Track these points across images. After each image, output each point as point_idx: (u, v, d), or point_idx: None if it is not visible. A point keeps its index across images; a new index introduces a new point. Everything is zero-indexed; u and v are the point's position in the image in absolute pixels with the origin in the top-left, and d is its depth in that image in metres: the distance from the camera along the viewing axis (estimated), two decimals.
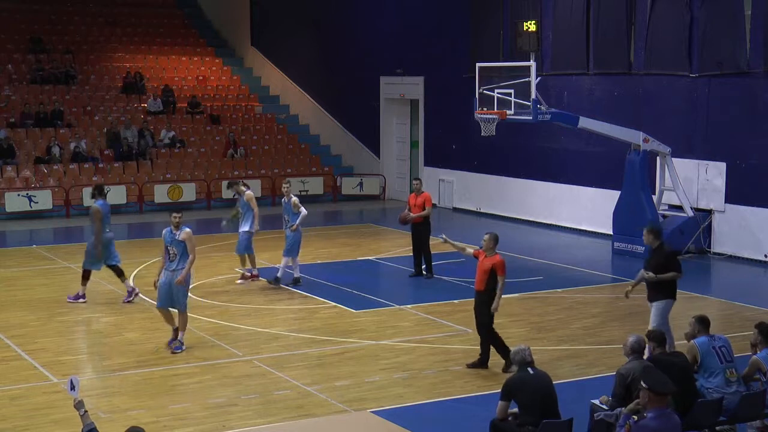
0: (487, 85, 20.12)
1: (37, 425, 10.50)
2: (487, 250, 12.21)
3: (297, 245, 17.12)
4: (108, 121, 29.91)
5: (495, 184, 26.29)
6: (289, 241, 17.00)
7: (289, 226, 16.95)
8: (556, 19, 23.94)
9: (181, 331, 13.26)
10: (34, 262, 19.72)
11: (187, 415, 10.78)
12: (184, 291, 13.17)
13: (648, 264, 12.24)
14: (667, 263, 12.07)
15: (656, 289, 12.12)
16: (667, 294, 12.12)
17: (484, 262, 12.17)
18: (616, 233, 20.94)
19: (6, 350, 13.39)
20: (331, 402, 11.24)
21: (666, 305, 12.11)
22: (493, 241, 12.22)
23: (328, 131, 32.84)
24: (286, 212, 17.10)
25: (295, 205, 16.91)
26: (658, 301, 12.12)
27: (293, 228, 16.89)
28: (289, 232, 16.97)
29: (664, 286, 12.07)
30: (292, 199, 17.01)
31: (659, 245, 12.24)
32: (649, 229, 12.43)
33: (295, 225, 16.86)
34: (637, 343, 9.23)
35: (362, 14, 31.16)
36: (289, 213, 17.03)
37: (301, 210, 16.87)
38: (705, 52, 20.62)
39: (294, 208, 16.91)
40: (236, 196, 18.13)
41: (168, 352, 13.13)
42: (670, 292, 12.15)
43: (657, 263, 12.09)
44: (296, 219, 16.85)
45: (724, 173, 20.38)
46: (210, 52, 36.45)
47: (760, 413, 9.58)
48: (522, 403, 8.82)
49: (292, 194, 17.20)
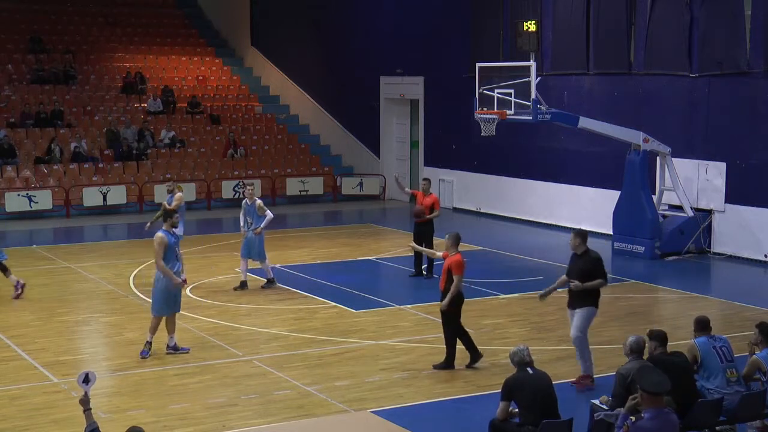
0: (487, 85, 20.11)
1: (37, 425, 10.51)
2: (447, 250, 12.34)
3: (263, 247, 16.85)
4: (108, 121, 29.91)
5: (495, 184, 26.29)
6: (255, 244, 16.71)
7: (253, 229, 16.66)
8: (556, 19, 23.94)
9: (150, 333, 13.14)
10: (34, 262, 19.72)
11: (187, 415, 10.78)
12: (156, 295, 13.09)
13: (571, 270, 11.61)
14: (592, 270, 11.46)
15: (580, 297, 11.51)
16: (591, 302, 11.53)
17: (445, 262, 12.32)
18: (616, 233, 20.94)
19: (6, 350, 13.39)
20: (331, 402, 11.24)
21: (589, 313, 11.53)
22: (451, 240, 12.30)
23: (328, 131, 32.84)
24: (249, 214, 16.78)
25: (260, 208, 16.63)
26: (581, 309, 11.52)
27: (257, 231, 16.63)
28: (251, 234, 16.68)
29: (589, 293, 11.48)
30: (256, 202, 16.73)
31: (585, 251, 11.60)
32: (577, 232, 11.73)
33: (260, 228, 16.62)
34: (637, 343, 9.23)
35: (362, 14, 31.16)
36: (252, 215, 16.73)
37: (267, 213, 16.63)
38: (705, 52, 20.62)
39: (259, 211, 16.63)
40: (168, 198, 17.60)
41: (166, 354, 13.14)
42: (593, 300, 11.56)
43: (581, 269, 11.47)
44: (261, 222, 16.62)
45: (724, 173, 20.37)
46: (210, 52, 36.46)
47: (760, 413, 9.58)
48: (522, 403, 8.82)
49: (256, 197, 16.98)
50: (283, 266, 18.83)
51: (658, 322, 14.78)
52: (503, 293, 16.83)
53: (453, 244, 12.28)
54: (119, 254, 20.75)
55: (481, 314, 15.38)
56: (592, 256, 11.59)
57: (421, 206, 17.70)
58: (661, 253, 20.18)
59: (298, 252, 20.77)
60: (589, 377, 11.64)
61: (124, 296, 16.65)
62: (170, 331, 13.15)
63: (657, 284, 17.90)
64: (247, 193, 16.98)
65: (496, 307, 15.93)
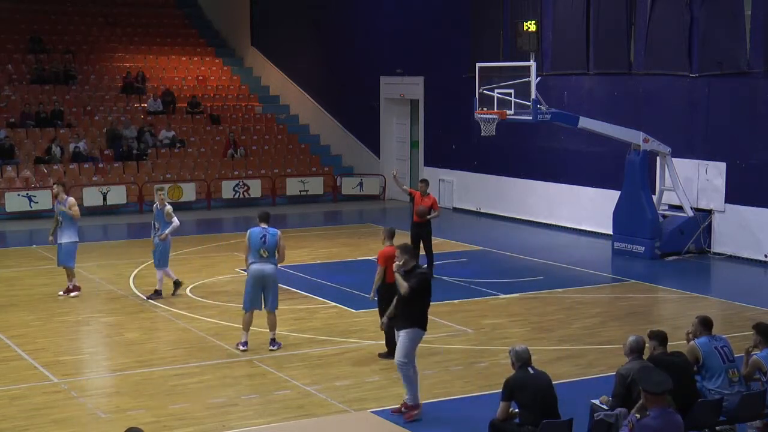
0: (487, 85, 20.10)
1: (37, 425, 10.50)
2: (383, 242, 12.85)
3: (167, 254, 16.44)
4: (108, 121, 29.92)
5: (495, 184, 26.28)
6: (159, 250, 16.36)
7: (158, 235, 16.33)
8: (556, 19, 23.94)
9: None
10: (34, 262, 19.71)
11: (187, 415, 10.78)
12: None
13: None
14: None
15: (404, 315, 10.65)
16: (414, 322, 10.57)
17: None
18: (616, 233, 20.93)
19: (6, 350, 13.39)
20: (331, 402, 11.23)
21: (415, 334, 10.57)
22: (384, 234, 12.89)
23: (328, 131, 32.84)
24: (158, 220, 16.41)
25: (168, 214, 16.23)
26: (406, 329, 10.58)
27: (163, 237, 16.26)
28: (158, 240, 16.32)
29: (411, 313, 10.56)
30: (166, 208, 16.32)
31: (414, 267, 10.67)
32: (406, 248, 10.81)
33: (165, 234, 16.22)
34: (637, 343, 9.22)
35: (362, 14, 31.16)
36: (160, 221, 16.35)
37: (173, 220, 16.24)
38: (705, 52, 20.62)
39: (167, 217, 16.25)
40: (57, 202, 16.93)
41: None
42: (416, 320, 10.58)
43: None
44: (167, 228, 16.27)
45: (724, 173, 20.37)
46: (210, 52, 36.47)
47: (760, 413, 9.58)
48: (522, 403, 8.82)
49: (167, 202, 16.53)
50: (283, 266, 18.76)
51: (658, 322, 14.77)
52: (503, 293, 16.83)
53: (384, 237, 12.86)
54: (119, 254, 20.74)
55: (481, 314, 15.38)
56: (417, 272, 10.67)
57: (425, 206, 17.68)
58: (661, 253, 20.18)
59: (298, 252, 20.75)
60: (417, 407, 10.68)
61: (124, 296, 16.65)
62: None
63: (657, 284, 17.90)
64: (158, 198, 16.46)
65: (496, 307, 15.93)
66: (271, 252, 13.10)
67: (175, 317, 15.13)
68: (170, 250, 16.56)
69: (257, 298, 13.17)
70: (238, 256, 17.72)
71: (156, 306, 15.85)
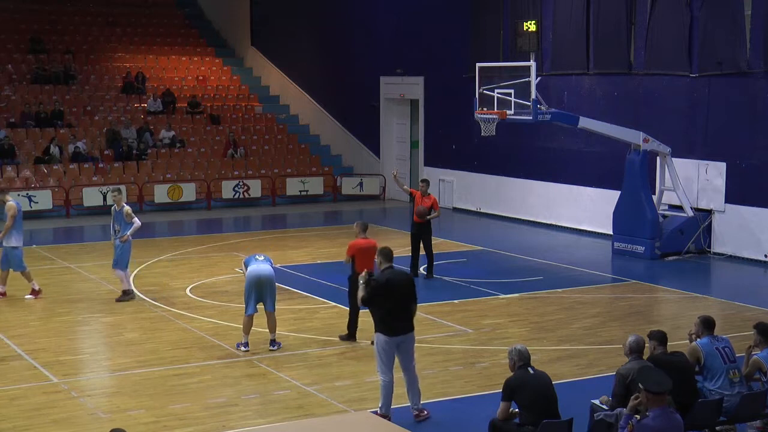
0: (487, 85, 20.09)
1: (37, 425, 10.50)
2: (357, 235, 13.59)
3: (127, 256, 16.33)
4: (108, 121, 29.92)
5: (495, 184, 26.28)
6: (118, 251, 16.25)
7: (119, 237, 16.22)
8: (556, 19, 23.93)
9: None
10: (34, 262, 19.66)
11: (187, 415, 10.78)
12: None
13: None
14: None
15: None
16: (376, 327, 10.40)
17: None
18: (616, 233, 20.93)
19: (6, 350, 13.39)
20: (331, 402, 11.23)
21: (377, 339, 10.41)
22: (358, 227, 13.61)
23: (328, 131, 32.84)
24: (117, 222, 16.27)
25: (128, 215, 16.13)
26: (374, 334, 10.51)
27: (124, 239, 16.16)
28: (118, 242, 16.21)
29: (374, 318, 10.48)
30: (124, 209, 16.21)
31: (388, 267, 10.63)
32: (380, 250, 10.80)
33: (126, 235, 16.13)
34: (637, 343, 9.22)
35: (362, 14, 31.16)
36: (120, 222, 16.23)
37: (134, 220, 16.15)
38: (705, 52, 20.62)
39: (126, 218, 16.13)
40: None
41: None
42: (377, 325, 10.40)
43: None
44: (128, 229, 16.17)
45: (724, 173, 20.37)
46: (210, 52, 36.46)
47: (760, 413, 9.58)
48: (522, 403, 8.82)
49: (124, 203, 16.45)
50: (283, 266, 18.81)
51: (658, 322, 14.78)
52: (503, 293, 16.83)
53: (358, 230, 13.57)
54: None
55: (481, 314, 15.38)
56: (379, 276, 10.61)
57: (425, 206, 17.68)
58: (661, 253, 20.18)
59: (298, 252, 20.75)
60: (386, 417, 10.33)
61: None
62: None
63: (657, 284, 17.90)
64: (115, 200, 16.36)
65: (496, 307, 15.92)
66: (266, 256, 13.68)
67: (175, 317, 15.14)
68: (131, 251, 16.42)
69: (258, 300, 13.20)
70: (238, 256, 17.72)
71: (156, 306, 15.85)
